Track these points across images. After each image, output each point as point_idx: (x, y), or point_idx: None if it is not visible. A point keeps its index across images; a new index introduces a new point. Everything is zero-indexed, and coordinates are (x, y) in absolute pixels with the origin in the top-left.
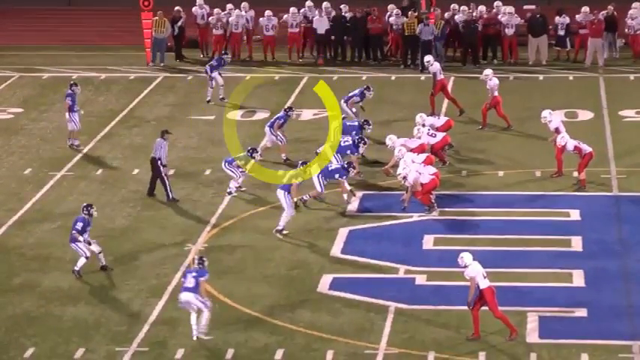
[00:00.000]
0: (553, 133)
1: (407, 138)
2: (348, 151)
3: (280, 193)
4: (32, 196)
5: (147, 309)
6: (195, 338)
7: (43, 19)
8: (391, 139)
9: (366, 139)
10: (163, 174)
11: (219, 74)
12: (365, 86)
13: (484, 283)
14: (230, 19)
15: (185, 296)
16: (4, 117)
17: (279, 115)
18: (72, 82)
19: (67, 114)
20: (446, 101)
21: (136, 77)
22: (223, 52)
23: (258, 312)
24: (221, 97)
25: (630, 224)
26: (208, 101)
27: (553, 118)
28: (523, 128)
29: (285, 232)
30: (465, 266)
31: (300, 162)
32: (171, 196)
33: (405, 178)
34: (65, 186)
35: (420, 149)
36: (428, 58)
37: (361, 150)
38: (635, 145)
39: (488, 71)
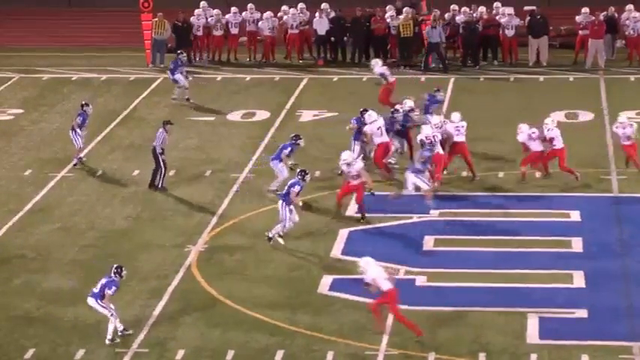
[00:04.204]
0: (547, 141)
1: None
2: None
3: (280, 204)
4: (32, 197)
5: (147, 310)
6: (107, 342)
7: (43, 21)
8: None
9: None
10: (162, 161)
11: (182, 74)
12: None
13: (386, 285)
14: (232, 20)
15: (89, 301)
16: (4, 118)
17: (284, 145)
18: (84, 103)
19: (71, 132)
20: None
21: (136, 78)
22: (178, 52)
23: (258, 313)
24: (186, 97)
25: (630, 225)
26: (174, 99)
27: (554, 127)
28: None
29: (278, 239)
30: (364, 272)
31: (298, 170)
32: (160, 184)
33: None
34: (65, 187)
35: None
36: (373, 60)
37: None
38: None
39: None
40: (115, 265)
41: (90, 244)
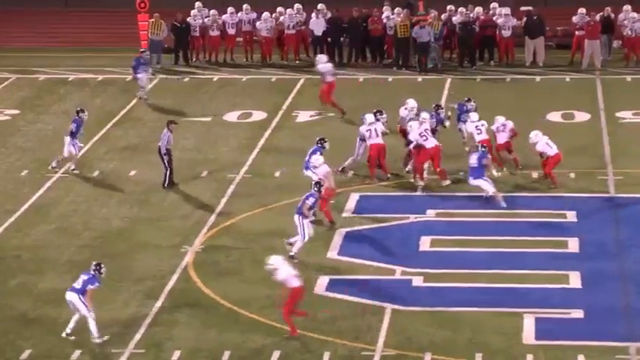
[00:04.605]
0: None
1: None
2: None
3: (295, 217)
4: (29, 197)
5: (143, 310)
6: (64, 334)
7: (39, 21)
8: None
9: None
10: (165, 162)
11: (146, 73)
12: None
13: (295, 282)
14: (229, 20)
15: (70, 295)
16: (0, 118)
17: (312, 150)
18: (79, 109)
19: (67, 137)
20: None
21: (133, 79)
22: (141, 50)
23: (254, 313)
24: (143, 97)
25: (627, 225)
26: (140, 98)
27: (539, 139)
28: (519, 130)
29: (295, 256)
30: (275, 269)
31: (313, 182)
32: (165, 183)
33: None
34: (62, 188)
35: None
36: (319, 56)
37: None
38: (631, 146)
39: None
40: (94, 263)
41: (86, 245)
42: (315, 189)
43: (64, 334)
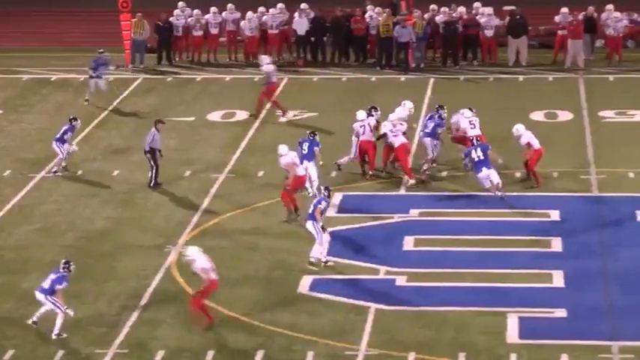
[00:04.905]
0: (525, 147)
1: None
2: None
3: (309, 224)
4: (12, 197)
5: (127, 311)
6: (30, 322)
7: (23, 21)
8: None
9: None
10: (152, 161)
11: (100, 77)
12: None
13: (212, 275)
14: (212, 20)
15: (38, 295)
16: None
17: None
18: (72, 117)
19: (55, 142)
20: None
21: (116, 79)
22: (99, 50)
23: (238, 313)
24: (86, 98)
25: (610, 225)
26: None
27: (524, 132)
28: (503, 129)
29: (328, 261)
30: (193, 260)
31: (322, 187)
32: (154, 182)
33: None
34: (45, 188)
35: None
36: (262, 57)
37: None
38: (614, 145)
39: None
40: (63, 261)
41: (70, 245)
42: (325, 194)
43: (29, 321)
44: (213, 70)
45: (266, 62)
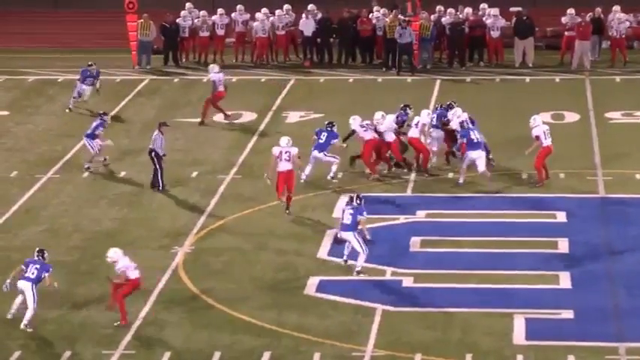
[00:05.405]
0: (533, 140)
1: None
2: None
3: (349, 235)
4: (18, 198)
5: (133, 312)
6: (9, 316)
7: (29, 22)
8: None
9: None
10: (156, 164)
11: (92, 86)
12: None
13: (134, 274)
14: (218, 21)
15: (23, 284)
16: None
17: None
18: (102, 112)
19: (85, 139)
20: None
21: (122, 80)
22: (88, 63)
23: (244, 314)
24: (69, 106)
25: (616, 226)
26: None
27: (539, 124)
28: (509, 130)
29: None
30: (114, 262)
31: (355, 196)
32: (161, 185)
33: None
34: (51, 189)
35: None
36: (211, 66)
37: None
38: (621, 147)
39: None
40: (37, 249)
41: (76, 246)
42: (357, 202)
43: (9, 316)
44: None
45: (214, 71)
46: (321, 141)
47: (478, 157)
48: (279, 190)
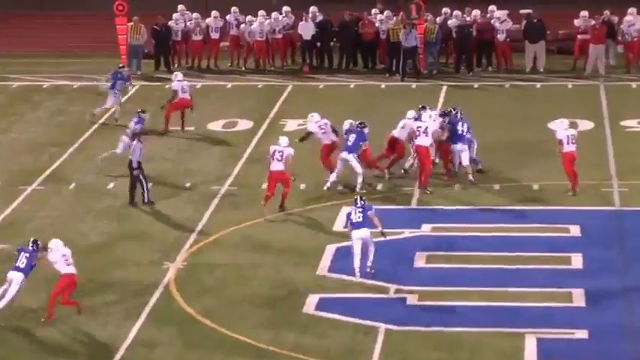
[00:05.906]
0: (557, 144)
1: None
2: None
3: (364, 231)
4: (2, 211)
5: (122, 330)
6: None
7: (13, 26)
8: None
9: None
10: (140, 176)
11: (116, 94)
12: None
13: (66, 270)
14: (212, 24)
15: (15, 275)
16: None
17: (359, 137)
18: (140, 110)
19: (125, 137)
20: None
21: (102, 92)
22: (120, 65)
23: (240, 334)
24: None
25: (633, 240)
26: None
27: (565, 128)
28: (520, 139)
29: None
30: (47, 250)
31: (358, 196)
32: (145, 199)
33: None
34: (36, 201)
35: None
36: (175, 73)
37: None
38: (637, 157)
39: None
40: (31, 239)
41: None
42: (362, 202)
43: None
44: (214, 77)
45: (177, 79)
46: (349, 143)
47: (462, 149)
48: (269, 189)
